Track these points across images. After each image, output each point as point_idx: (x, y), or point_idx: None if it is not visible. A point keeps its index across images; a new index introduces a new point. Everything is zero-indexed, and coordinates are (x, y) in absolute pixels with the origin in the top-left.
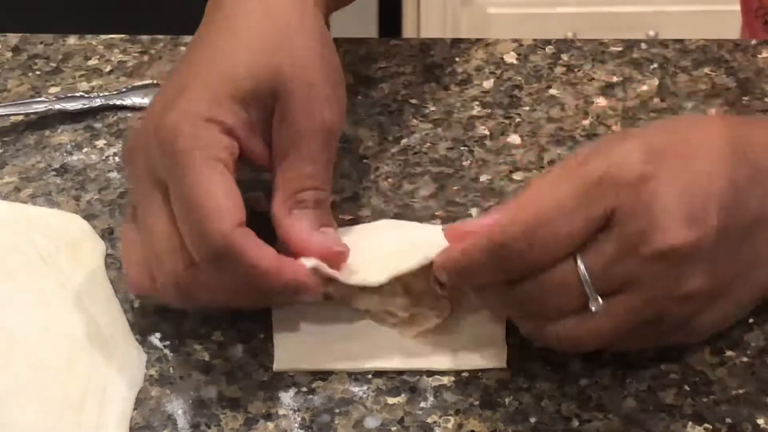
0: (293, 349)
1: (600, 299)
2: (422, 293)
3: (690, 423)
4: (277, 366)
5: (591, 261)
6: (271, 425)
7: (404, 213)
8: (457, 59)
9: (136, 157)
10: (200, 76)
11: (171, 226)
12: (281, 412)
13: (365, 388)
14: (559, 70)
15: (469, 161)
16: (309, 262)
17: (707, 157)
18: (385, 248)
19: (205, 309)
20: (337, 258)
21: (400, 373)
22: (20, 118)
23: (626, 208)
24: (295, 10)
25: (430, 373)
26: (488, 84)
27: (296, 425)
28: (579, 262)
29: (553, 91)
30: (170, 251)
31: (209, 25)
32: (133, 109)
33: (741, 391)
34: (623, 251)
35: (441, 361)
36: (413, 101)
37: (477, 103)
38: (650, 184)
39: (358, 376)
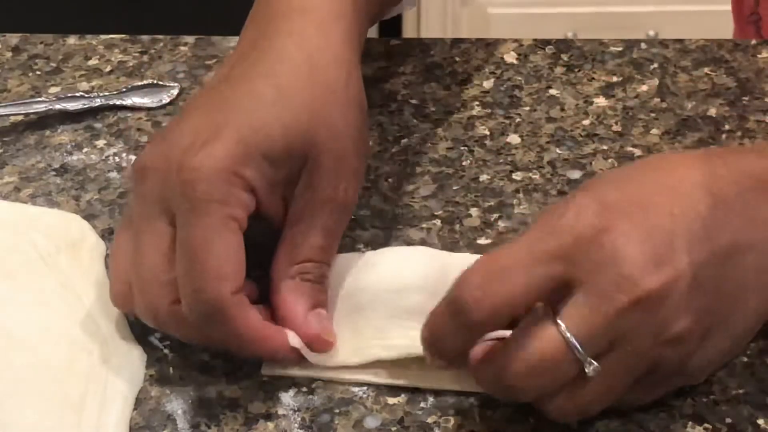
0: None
1: (594, 362)
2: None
3: (690, 423)
4: (264, 370)
5: (574, 326)
6: (271, 425)
7: (404, 213)
8: (457, 59)
9: (148, 178)
10: (235, 124)
11: (166, 261)
12: (281, 412)
13: (365, 388)
14: (559, 70)
15: (469, 161)
16: (294, 341)
17: (665, 197)
18: (371, 315)
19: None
20: (324, 347)
21: None
22: (20, 118)
23: (590, 265)
24: (341, 69)
25: None
26: (488, 84)
27: (296, 425)
28: (563, 330)
29: (553, 91)
30: (158, 284)
31: (252, 59)
32: (133, 109)
33: (741, 391)
34: (600, 307)
35: (432, 378)
36: (413, 101)
37: (477, 103)
38: (609, 235)
39: None
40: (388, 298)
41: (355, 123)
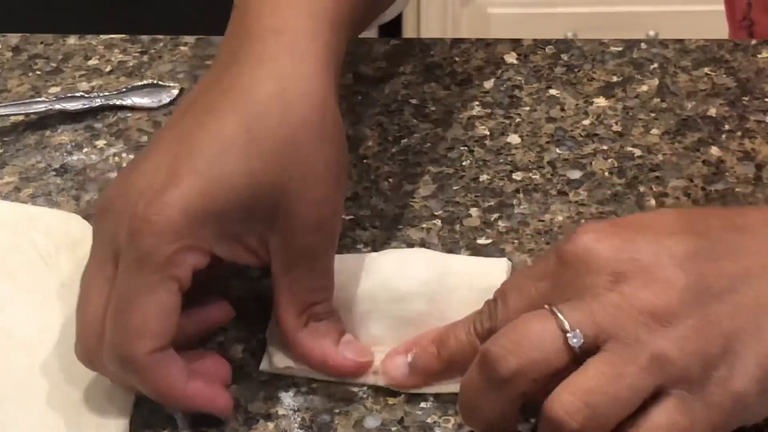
0: (285, 350)
1: (578, 331)
2: None
3: None
4: (263, 366)
5: (565, 310)
6: (271, 425)
7: (404, 213)
8: (457, 59)
9: (105, 219)
10: (197, 170)
11: (106, 307)
12: (281, 412)
13: (365, 388)
14: (559, 70)
15: (469, 161)
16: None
17: (652, 235)
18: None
19: None
20: (368, 367)
21: None
22: (20, 118)
23: (571, 273)
24: (316, 101)
25: None
26: (488, 84)
27: (296, 425)
28: (551, 306)
29: (553, 91)
30: (96, 329)
31: (223, 86)
32: (133, 109)
33: None
34: (585, 301)
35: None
36: (413, 101)
37: (477, 103)
38: (581, 239)
39: None
40: (387, 308)
41: (334, 160)
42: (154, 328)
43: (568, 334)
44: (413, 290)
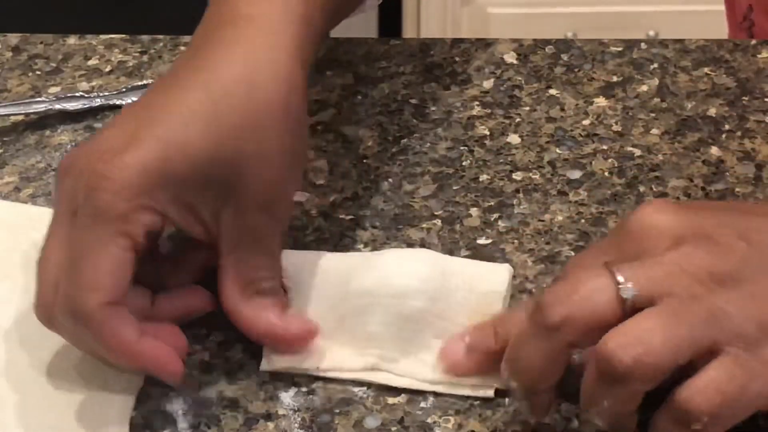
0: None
1: (630, 285)
2: None
3: None
4: (263, 366)
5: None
6: (271, 425)
7: (404, 213)
8: (457, 59)
9: (67, 177)
10: (157, 135)
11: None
12: (281, 412)
13: (365, 388)
14: (559, 70)
15: (469, 161)
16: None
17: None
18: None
19: None
20: (314, 335)
21: None
22: (20, 118)
23: (632, 238)
24: (282, 86)
25: None
26: (488, 84)
27: (296, 425)
28: (607, 266)
29: (553, 91)
30: (54, 286)
31: (192, 67)
32: None
33: None
34: (645, 261)
35: (432, 379)
36: (413, 101)
37: (477, 103)
38: (644, 209)
39: None
40: (387, 303)
41: (292, 146)
42: (105, 282)
43: (621, 286)
44: (414, 287)
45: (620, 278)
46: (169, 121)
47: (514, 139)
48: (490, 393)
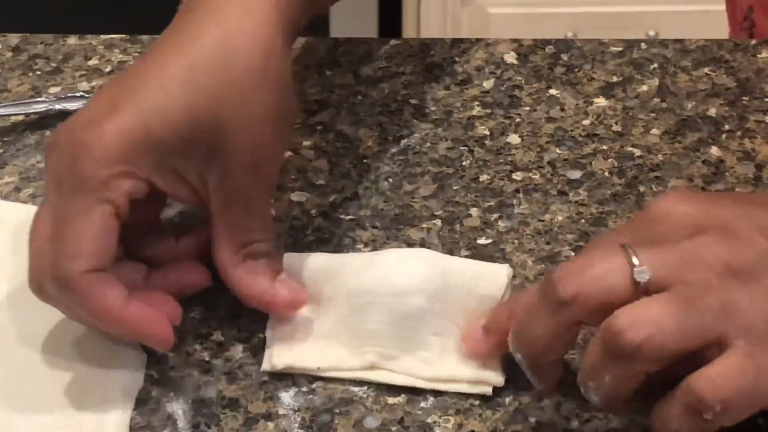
0: (284, 350)
1: (645, 268)
2: None
3: None
4: (263, 366)
5: (639, 251)
6: (271, 425)
7: (404, 213)
8: (457, 59)
9: (53, 152)
10: (137, 102)
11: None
12: (281, 412)
13: (365, 388)
14: (559, 70)
15: (469, 161)
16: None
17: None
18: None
19: None
20: (302, 304)
21: None
22: (20, 118)
23: (649, 225)
24: (260, 50)
25: None
26: (488, 84)
27: (296, 425)
28: (623, 243)
29: (553, 91)
30: (43, 256)
31: (170, 35)
32: None
33: None
34: (663, 246)
35: (432, 378)
36: (413, 101)
37: (477, 103)
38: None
39: None
40: (386, 302)
41: (275, 107)
42: (89, 248)
43: (635, 269)
44: (414, 286)
45: (636, 261)
46: (148, 88)
47: (514, 139)
48: (488, 390)
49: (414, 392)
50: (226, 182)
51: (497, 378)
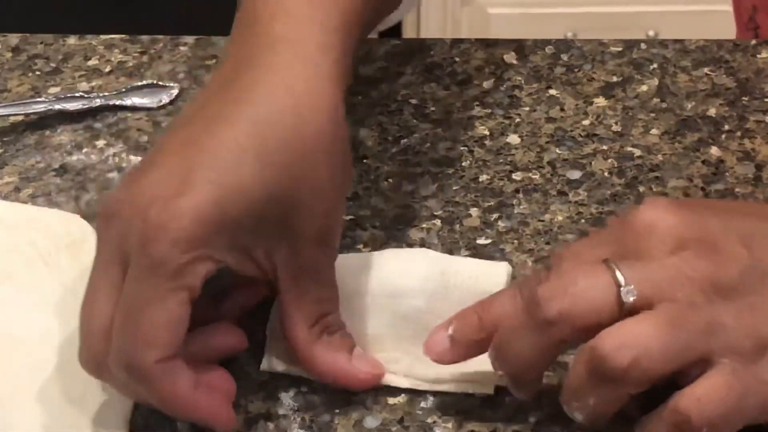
0: (284, 351)
1: (632, 286)
2: None
3: None
4: (263, 366)
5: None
6: (271, 425)
7: (404, 213)
8: (457, 59)
9: (112, 224)
10: (211, 179)
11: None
12: (281, 412)
13: None
14: (559, 70)
15: (469, 161)
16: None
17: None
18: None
19: None
20: (380, 378)
21: None
22: (20, 118)
23: (632, 237)
24: (329, 118)
25: None
26: (488, 84)
27: (296, 425)
28: (608, 262)
29: (552, 91)
30: (103, 336)
31: (234, 95)
32: (133, 109)
33: None
34: (646, 262)
35: (432, 378)
36: (413, 101)
37: (477, 103)
38: (644, 209)
39: None
40: (386, 303)
41: (341, 174)
42: (164, 338)
43: (622, 289)
44: (413, 287)
45: (621, 279)
46: (220, 162)
47: (514, 139)
48: (489, 390)
49: (414, 392)
50: (295, 256)
51: (498, 378)
